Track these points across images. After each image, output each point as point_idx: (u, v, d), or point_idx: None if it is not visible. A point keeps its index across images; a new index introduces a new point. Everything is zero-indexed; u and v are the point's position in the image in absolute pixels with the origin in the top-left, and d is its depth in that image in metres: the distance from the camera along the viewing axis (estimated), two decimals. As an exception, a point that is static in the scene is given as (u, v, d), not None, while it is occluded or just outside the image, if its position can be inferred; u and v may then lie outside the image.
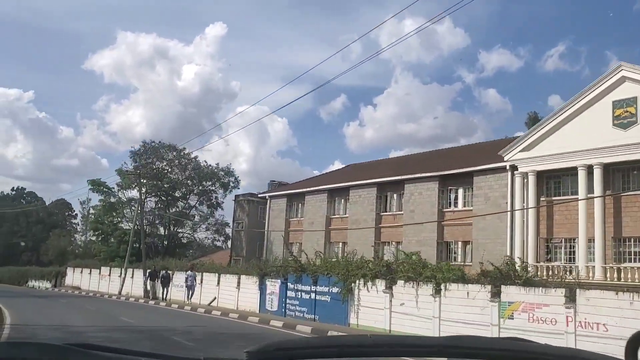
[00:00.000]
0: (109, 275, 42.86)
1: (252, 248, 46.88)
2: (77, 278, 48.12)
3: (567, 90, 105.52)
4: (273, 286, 25.90)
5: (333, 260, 23.63)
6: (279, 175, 55.13)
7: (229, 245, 49.61)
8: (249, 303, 27.20)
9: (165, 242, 47.71)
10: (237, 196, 48.99)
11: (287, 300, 24.84)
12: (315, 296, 23.33)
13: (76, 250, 60.71)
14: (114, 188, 47.88)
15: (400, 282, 19.57)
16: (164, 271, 31.55)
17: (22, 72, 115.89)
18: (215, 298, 28.21)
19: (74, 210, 75.14)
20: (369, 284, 20.78)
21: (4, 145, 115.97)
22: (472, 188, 31.32)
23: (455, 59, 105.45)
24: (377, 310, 20.31)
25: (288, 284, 24.93)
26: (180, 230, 48.64)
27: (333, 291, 22.21)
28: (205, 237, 48.86)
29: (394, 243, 35.05)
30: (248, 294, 27.44)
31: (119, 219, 48.01)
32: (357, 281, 21.18)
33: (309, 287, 23.71)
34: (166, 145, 45.80)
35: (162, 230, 48.31)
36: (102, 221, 47.63)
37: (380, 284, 20.32)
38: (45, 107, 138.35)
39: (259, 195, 47.46)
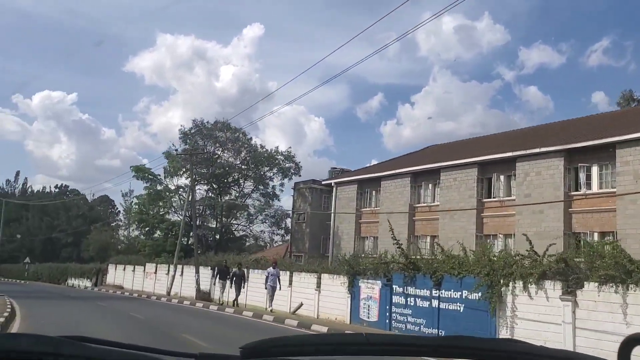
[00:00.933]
0: (155, 272, 37.39)
1: (315, 243, 40.80)
2: (119, 276, 42.91)
3: (612, 86, 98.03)
4: (370, 289, 19.64)
5: (471, 255, 17.13)
6: (316, 175, 50.94)
7: (287, 239, 43.57)
8: (335, 310, 21.06)
9: (217, 236, 41.98)
10: (297, 184, 42.93)
11: (393, 309, 18.58)
12: (438, 303, 16.98)
13: (118, 246, 55.80)
14: (159, 175, 42.51)
15: (590, 285, 13.07)
16: (236, 268, 25.34)
17: (65, 75, 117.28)
18: (301, 304, 22.07)
19: (117, 207, 70.45)
20: (532, 287, 14.33)
21: (49, 146, 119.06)
22: (614, 164, 24.36)
23: (494, 56, 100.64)
24: (546, 325, 13.87)
25: (394, 286, 18.65)
26: (234, 222, 42.83)
27: (470, 298, 15.81)
28: (261, 231, 42.88)
29: (500, 236, 28.35)
30: (333, 298, 21.30)
31: (166, 210, 42.57)
32: (511, 283, 14.75)
33: (428, 291, 17.37)
34: (220, 123, 39.93)
35: (212, 223, 42.56)
36: (146, 212, 42.30)
37: (553, 288, 13.86)
38: (88, 109, 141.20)
39: (323, 183, 41.28)
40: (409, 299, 17.98)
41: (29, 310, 17.93)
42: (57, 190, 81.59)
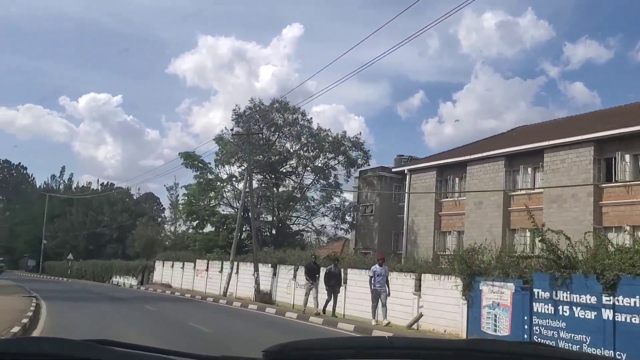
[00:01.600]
0: (207, 269, 33.47)
1: (385, 238, 36.14)
2: (167, 274, 39.26)
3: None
4: (497, 294, 14.89)
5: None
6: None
7: (352, 235, 38.96)
8: (442, 321, 16.43)
9: (273, 230, 37.67)
10: (362, 172, 38.25)
11: (535, 320, 13.82)
12: (612, 315, 12.16)
13: (165, 242, 52.41)
14: (210, 164, 38.51)
15: None
16: (332, 265, 20.35)
17: (110, 77, 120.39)
18: (421, 314, 17.25)
19: (162, 205, 66.91)
20: None
21: (94, 147, 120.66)
22: None
23: (538, 52, 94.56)
24: None
25: (535, 290, 13.88)
26: (294, 215, 38.37)
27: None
28: (322, 225, 38.18)
29: (627, 227, 23.12)
30: (439, 305, 16.64)
31: (217, 201, 38.58)
32: None
33: (594, 298, 12.56)
34: (277, 103, 35.31)
35: (268, 216, 38.25)
36: (196, 203, 38.43)
37: None
38: (133, 111, 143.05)
39: (393, 170, 36.53)
40: (560, 307, 13.17)
41: (58, 317, 13.99)
42: (102, 187, 79.36)
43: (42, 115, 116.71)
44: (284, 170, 37.72)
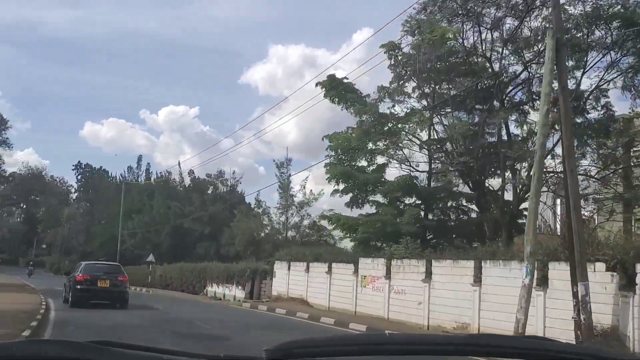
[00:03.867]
0: (387, 276, 17.89)
1: None
2: (297, 282, 23.99)
3: None
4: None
5: None
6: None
7: None
8: None
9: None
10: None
11: None
12: None
13: (275, 237, 37.33)
14: (374, 95, 22.19)
15: None
16: None
17: (188, 90, 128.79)
18: None
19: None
20: None
21: (174, 157, 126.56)
22: None
23: None
24: None
25: None
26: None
27: None
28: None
29: None
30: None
31: (389, 157, 22.18)
32: None
33: None
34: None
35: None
36: (348, 161, 22.66)
37: None
38: (209, 121, 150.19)
39: None
40: None
41: None
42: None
43: (125, 129, 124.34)
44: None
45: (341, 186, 23.06)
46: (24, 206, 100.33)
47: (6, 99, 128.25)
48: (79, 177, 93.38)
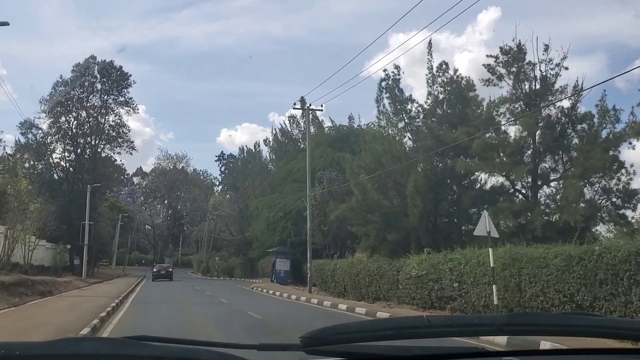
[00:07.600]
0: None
1: None
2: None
3: None
4: None
5: None
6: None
7: None
8: None
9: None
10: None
11: None
12: None
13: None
14: None
15: None
16: None
17: (315, 87, 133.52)
18: None
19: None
20: None
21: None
22: None
23: None
24: None
25: None
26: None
27: None
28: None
29: None
30: None
31: None
32: None
33: None
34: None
35: None
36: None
37: None
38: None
39: None
40: None
41: None
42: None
43: (257, 132, 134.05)
44: None
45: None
46: (166, 202, 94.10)
47: (150, 113, 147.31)
48: (222, 168, 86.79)
